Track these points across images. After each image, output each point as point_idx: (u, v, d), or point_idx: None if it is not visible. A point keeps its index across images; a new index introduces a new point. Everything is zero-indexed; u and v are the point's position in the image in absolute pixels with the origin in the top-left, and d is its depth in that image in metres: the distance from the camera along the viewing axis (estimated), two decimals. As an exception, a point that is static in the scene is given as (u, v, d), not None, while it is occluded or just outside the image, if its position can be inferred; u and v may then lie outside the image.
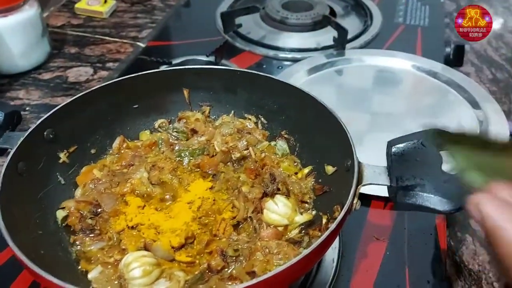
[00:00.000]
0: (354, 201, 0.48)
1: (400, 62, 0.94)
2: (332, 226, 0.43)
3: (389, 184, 0.48)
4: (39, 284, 0.57)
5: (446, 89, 0.87)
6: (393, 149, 0.49)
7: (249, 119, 0.69)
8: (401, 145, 0.49)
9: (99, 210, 0.57)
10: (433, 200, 0.45)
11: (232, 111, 0.70)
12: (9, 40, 0.91)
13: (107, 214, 0.57)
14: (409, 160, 0.48)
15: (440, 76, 0.90)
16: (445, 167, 0.46)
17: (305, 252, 0.42)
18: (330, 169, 0.59)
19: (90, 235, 0.55)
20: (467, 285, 0.66)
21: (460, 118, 0.80)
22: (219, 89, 0.69)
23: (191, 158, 0.65)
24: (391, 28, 1.09)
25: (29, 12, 0.93)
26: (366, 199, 0.66)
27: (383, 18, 1.12)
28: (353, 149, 0.52)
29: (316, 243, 0.42)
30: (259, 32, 1.07)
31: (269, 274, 0.40)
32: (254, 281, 0.40)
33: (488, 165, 0.39)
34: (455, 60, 1.05)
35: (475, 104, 0.81)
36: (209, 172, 0.63)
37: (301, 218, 0.56)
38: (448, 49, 1.04)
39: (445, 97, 0.86)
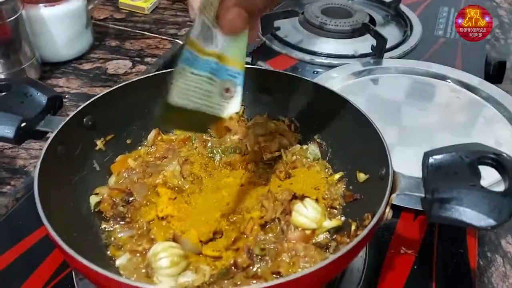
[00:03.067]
0: (386, 210, 0.47)
1: (438, 75, 0.92)
2: (363, 233, 0.43)
3: (423, 196, 0.47)
4: (66, 266, 0.58)
5: (484, 105, 0.85)
6: (430, 160, 0.48)
7: (283, 121, 0.69)
8: (438, 157, 0.48)
9: (131, 198, 0.59)
10: (470, 215, 0.43)
11: (266, 112, 0.70)
12: (54, 30, 0.94)
13: (139, 203, 0.58)
14: (447, 173, 0.47)
15: (479, 91, 0.88)
16: (485, 182, 0.45)
17: (333, 256, 0.41)
18: (362, 176, 0.58)
19: (121, 223, 0.56)
20: (495, 308, 0.65)
21: (497, 135, 0.78)
22: (254, 89, 0.69)
23: (222, 155, 0.65)
24: (431, 40, 1.08)
25: (76, 3, 0.96)
26: (396, 210, 0.65)
27: (423, 29, 1.10)
28: (388, 157, 0.51)
29: (345, 248, 0.42)
30: (296, 36, 1.08)
31: (295, 276, 0.40)
32: (278, 281, 0.40)
33: None
34: (496, 76, 1.03)
35: (514, 122, 0.79)
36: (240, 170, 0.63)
37: (329, 224, 0.55)
38: (489, 65, 1.02)
39: (482, 113, 0.84)
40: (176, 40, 1.09)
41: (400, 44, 1.04)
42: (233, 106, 0.48)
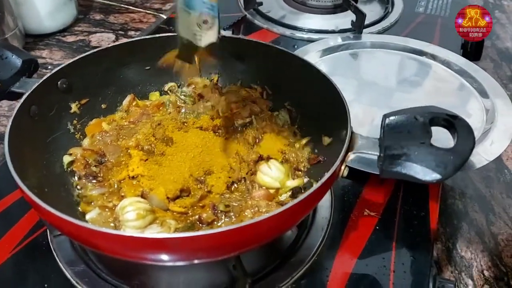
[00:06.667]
0: (342, 167, 0.49)
1: (414, 49, 0.94)
2: (317, 184, 0.45)
3: (378, 154, 0.50)
4: (41, 225, 0.60)
5: (457, 78, 0.87)
6: (387, 121, 0.50)
7: (255, 89, 0.71)
8: (394, 118, 0.50)
9: (104, 159, 0.61)
10: (416, 170, 0.46)
11: (240, 81, 0.72)
12: (37, 1, 0.95)
13: (111, 163, 0.60)
14: (401, 132, 0.49)
15: (453, 65, 0.89)
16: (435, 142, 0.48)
17: (289, 204, 0.43)
18: (326, 139, 0.61)
19: (93, 181, 0.59)
20: (457, 270, 0.67)
21: (466, 106, 0.80)
22: (229, 58, 0.71)
23: (195, 121, 0.67)
24: (411, 17, 1.09)
25: (58, -25, 0.97)
26: (363, 176, 0.68)
27: (404, 6, 1.12)
28: (348, 118, 0.53)
29: (300, 197, 0.44)
30: (279, 11, 1.09)
31: (251, 221, 0.42)
32: (236, 226, 0.41)
33: None
34: (474, 53, 1.05)
35: (484, 94, 0.81)
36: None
37: (292, 183, 0.58)
38: (467, 42, 1.04)
39: (454, 86, 0.86)
40: (160, 14, 1.10)
41: (381, 20, 1.06)
42: (211, 36, 0.52)
